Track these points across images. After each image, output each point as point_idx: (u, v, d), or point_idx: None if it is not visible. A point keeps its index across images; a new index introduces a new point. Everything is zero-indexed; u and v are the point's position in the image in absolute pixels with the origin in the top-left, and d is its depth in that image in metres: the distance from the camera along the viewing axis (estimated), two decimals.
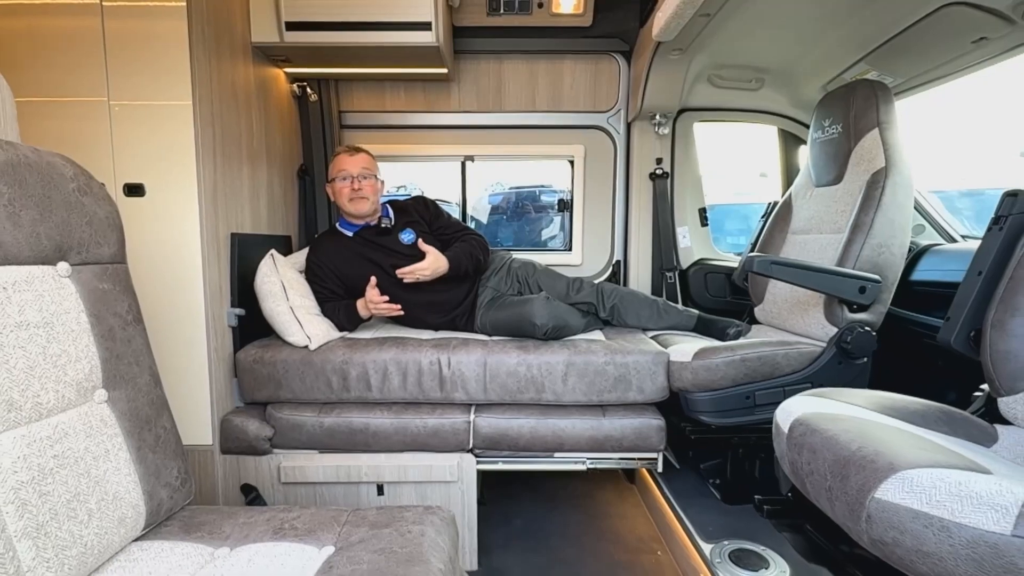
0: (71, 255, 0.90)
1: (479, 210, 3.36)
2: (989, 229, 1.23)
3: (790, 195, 2.06)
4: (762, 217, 2.28)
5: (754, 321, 2.10)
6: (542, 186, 3.52)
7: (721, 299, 2.39)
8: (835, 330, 1.62)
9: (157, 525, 0.98)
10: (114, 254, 0.99)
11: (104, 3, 1.50)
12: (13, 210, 0.80)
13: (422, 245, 1.87)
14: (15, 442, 0.74)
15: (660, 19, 1.73)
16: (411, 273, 1.83)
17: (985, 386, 1.19)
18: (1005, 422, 1.12)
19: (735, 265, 2.39)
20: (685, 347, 1.70)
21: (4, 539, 0.69)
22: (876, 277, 1.55)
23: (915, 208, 2.14)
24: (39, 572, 0.73)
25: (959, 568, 0.67)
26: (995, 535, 0.64)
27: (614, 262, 2.55)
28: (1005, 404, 1.11)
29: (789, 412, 1.07)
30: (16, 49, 1.49)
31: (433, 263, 1.85)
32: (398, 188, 3.26)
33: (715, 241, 2.58)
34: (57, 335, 0.83)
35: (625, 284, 2.52)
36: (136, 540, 0.94)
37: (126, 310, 0.99)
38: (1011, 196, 1.20)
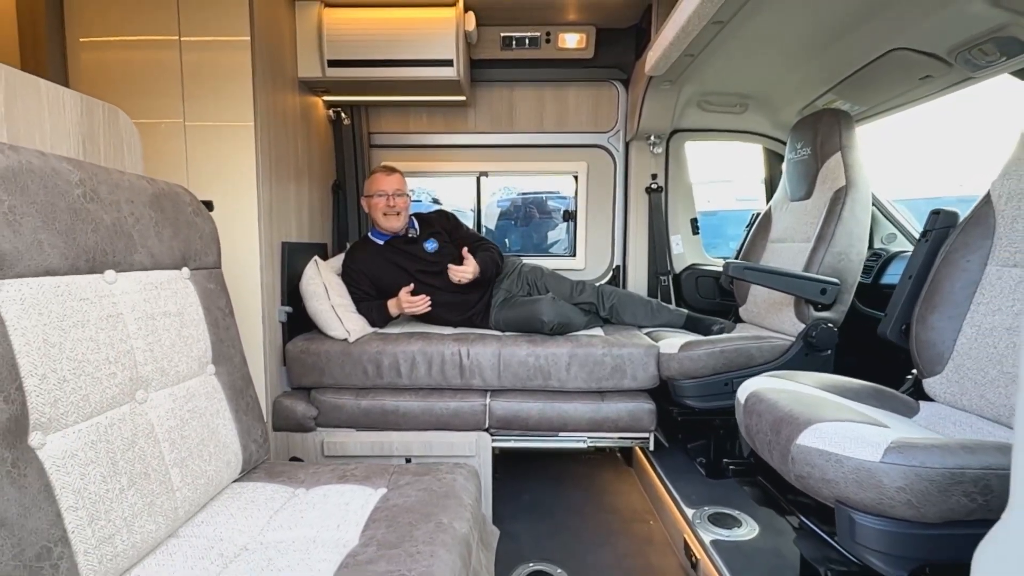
0: (190, 262, 1.19)
1: (489, 216, 3.61)
2: (918, 241, 1.48)
3: (770, 208, 2.31)
4: (746, 227, 2.53)
5: (739, 320, 2.35)
6: (549, 192, 3.75)
7: (711, 300, 2.65)
8: (803, 326, 1.87)
9: (248, 472, 1.26)
10: (215, 261, 1.28)
11: (182, 39, 1.78)
12: (159, 230, 1.09)
13: (466, 253, 2.19)
14: (166, 398, 1.03)
15: (651, 58, 2.00)
16: (462, 274, 2.15)
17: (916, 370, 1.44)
18: (929, 399, 1.37)
19: None
20: (673, 341, 1.96)
21: (163, 465, 0.97)
22: (835, 280, 1.81)
23: (888, 218, 2.40)
24: (184, 492, 1.01)
25: (848, 489, 0.92)
26: (869, 462, 0.90)
27: (614, 267, 2.82)
28: (927, 384, 1.36)
29: (747, 388, 1.33)
30: (116, 78, 1.77)
31: (475, 268, 2.17)
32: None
33: (718, 246, 2.84)
34: (186, 322, 1.12)
35: (624, 287, 2.78)
36: (235, 481, 1.21)
37: (224, 305, 1.28)
38: (935, 214, 1.45)
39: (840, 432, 0.98)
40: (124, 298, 0.97)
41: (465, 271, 2.15)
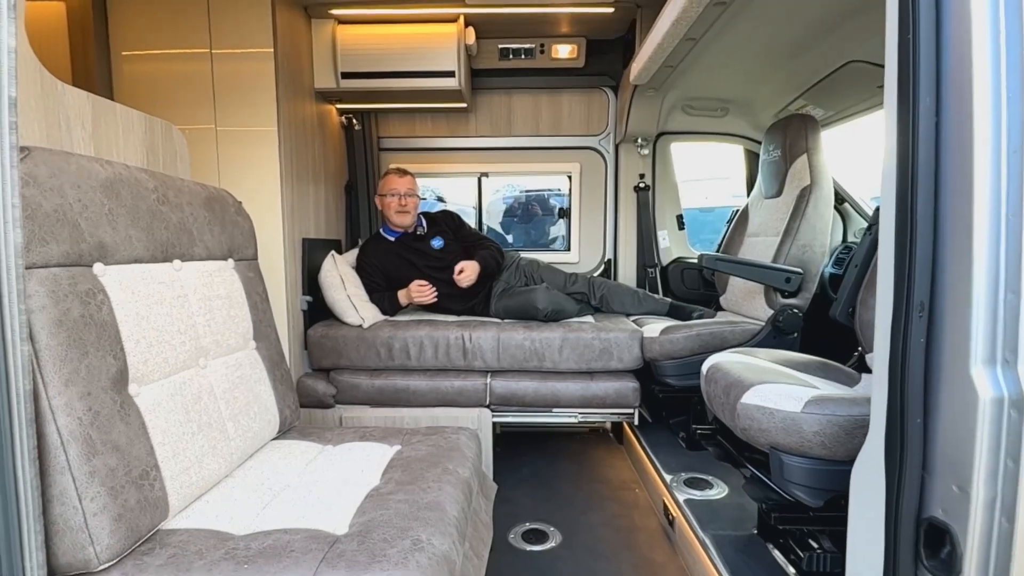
0: (234, 254, 1.40)
1: (491, 214, 3.81)
2: (864, 234, 1.68)
3: (748, 204, 2.51)
4: (727, 222, 2.73)
5: (720, 308, 2.56)
6: (549, 190, 3.94)
7: (695, 291, 2.86)
8: (772, 312, 2.07)
9: (283, 432, 1.48)
10: (253, 254, 1.50)
11: (213, 51, 1.99)
12: (211, 227, 1.30)
13: (462, 264, 2.36)
14: (220, 365, 1.25)
15: (635, 68, 2.21)
16: (467, 280, 2.33)
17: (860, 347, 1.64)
18: (871, 372, 1.58)
19: None
20: (655, 326, 2.17)
21: (221, 419, 1.19)
22: (799, 270, 2.01)
23: (860, 215, 2.59)
24: (237, 441, 1.23)
25: (778, 435, 1.13)
26: (793, 413, 1.11)
27: (605, 260, 3.03)
28: (869, 359, 1.57)
29: (710, 361, 1.54)
30: (155, 87, 1.98)
31: (476, 269, 2.36)
32: None
33: (715, 242, 3.03)
34: (233, 304, 1.34)
35: (614, 278, 2.99)
36: (272, 440, 1.44)
37: (261, 291, 1.50)
38: (879, 210, 1.65)
39: (774, 391, 1.19)
40: (188, 282, 1.19)
41: (469, 276, 2.34)
